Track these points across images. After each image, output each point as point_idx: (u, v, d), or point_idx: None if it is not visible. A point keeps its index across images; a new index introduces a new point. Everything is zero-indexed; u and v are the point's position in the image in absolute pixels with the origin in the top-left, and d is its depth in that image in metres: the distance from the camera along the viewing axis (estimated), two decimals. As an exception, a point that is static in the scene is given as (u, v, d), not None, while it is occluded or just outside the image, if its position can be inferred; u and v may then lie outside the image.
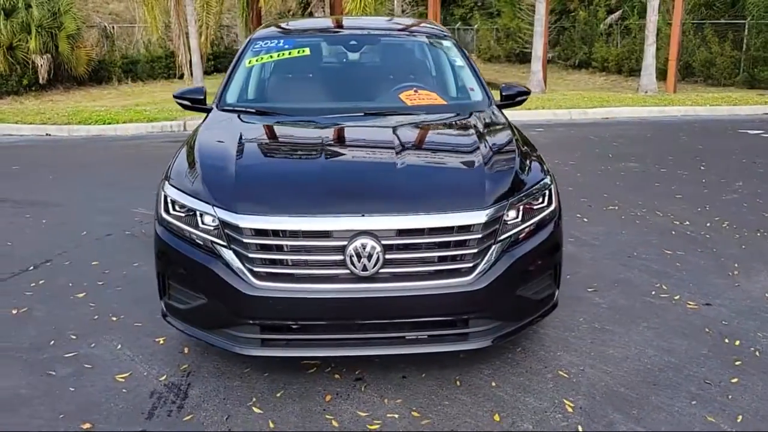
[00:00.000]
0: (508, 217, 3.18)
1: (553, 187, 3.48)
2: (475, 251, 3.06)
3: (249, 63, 4.59)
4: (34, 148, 10.55)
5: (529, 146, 3.83)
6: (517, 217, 3.22)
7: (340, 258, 2.97)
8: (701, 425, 3.00)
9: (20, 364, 3.57)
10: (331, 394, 3.25)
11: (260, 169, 3.46)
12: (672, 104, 13.43)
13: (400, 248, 3.03)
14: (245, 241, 3.01)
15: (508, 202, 3.18)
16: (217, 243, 3.08)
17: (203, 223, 3.14)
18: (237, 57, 4.68)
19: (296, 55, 4.59)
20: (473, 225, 3.06)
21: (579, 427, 2.98)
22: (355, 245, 2.94)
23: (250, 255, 3.01)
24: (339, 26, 5.48)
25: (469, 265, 3.06)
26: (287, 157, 3.67)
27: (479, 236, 3.06)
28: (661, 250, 5.18)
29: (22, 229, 5.88)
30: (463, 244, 3.07)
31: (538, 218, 3.31)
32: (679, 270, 4.79)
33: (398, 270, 3.03)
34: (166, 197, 3.33)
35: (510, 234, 3.17)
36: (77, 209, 6.51)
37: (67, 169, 8.58)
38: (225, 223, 3.05)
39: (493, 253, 3.10)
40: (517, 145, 3.68)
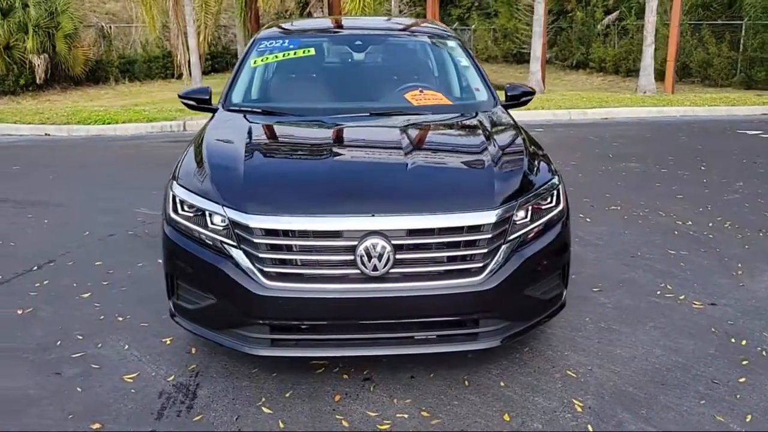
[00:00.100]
0: (517, 217, 3.18)
1: (561, 188, 3.49)
2: (484, 251, 3.06)
3: (254, 63, 4.58)
4: (33, 148, 10.53)
5: (536, 146, 3.83)
6: (526, 217, 3.23)
7: (351, 258, 2.97)
8: (710, 425, 3.00)
9: (27, 364, 3.55)
10: (340, 394, 3.25)
11: (269, 169, 3.45)
12: (670, 105, 13.46)
13: (410, 248, 3.03)
14: (255, 241, 3.00)
15: (518, 202, 3.19)
16: (227, 243, 3.08)
17: (212, 223, 3.14)
18: (242, 57, 4.68)
19: (301, 55, 4.59)
20: (483, 225, 3.06)
21: (589, 426, 2.99)
22: (366, 245, 2.94)
23: (260, 255, 3.01)
24: (343, 26, 5.46)
25: (479, 265, 3.06)
26: (296, 157, 3.66)
27: (489, 236, 3.06)
28: (664, 250, 5.19)
29: (24, 229, 5.86)
30: (472, 244, 3.07)
31: (546, 218, 3.32)
32: (684, 270, 4.80)
33: (408, 270, 3.03)
34: (175, 197, 3.32)
35: (519, 234, 3.17)
36: (79, 209, 6.49)
37: (67, 169, 8.56)
38: (235, 223, 3.05)
39: (502, 253, 3.10)
40: (525, 146, 3.68)
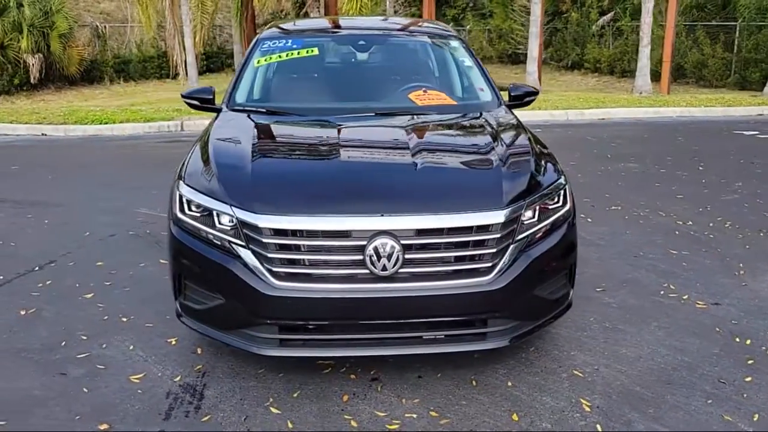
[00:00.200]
0: (525, 217, 3.18)
1: (567, 188, 3.49)
2: (493, 251, 3.06)
3: (258, 63, 4.56)
4: (30, 148, 10.48)
5: (542, 146, 3.84)
6: (534, 217, 3.23)
7: (360, 258, 2.97)
8: (719, 424, 3.01)
9: (32, 365, 3.53)
10: (348, 394, 3.24)
11: (277, 169, 3.44)
12: (667, 105, 13.51)
13: (419, 248, 3.03)
14: (264, 241, 3.00)
15: (525, 202, 3.19)
16: (235, 243, 3.07)
17: (220, 222, 3.13)
18: (245, 57, 4.66)
19: (305, 55, 4.58)
20: (492, 225, 3.06)
21: (598, 426, 2.99)
22: (375, 245, 2.94)
23: (269, 255, 3.00)
24: (346, 26, 5.46)
25: (488, 264, 3.06)
26: (303, 157, 3.65)
27: (498, 236, 3.07)
28: (666, 250, 5.21)
29: (24, 229, 5.83)
30: (481, 243, 3.07)
31: (553, 218, 3.32)
32: (686, 270, 4.81)
33: (417, 270, 3.02)
34: (182, 197, 3.31)
35: (527, 234, 3.17)
36: (78, 209, 6.46)
37: (65, 169, 8.52)
38: (244, 223, 3.03)
39: (510, 253, 3.10)
40: (531, 146, 3.68)
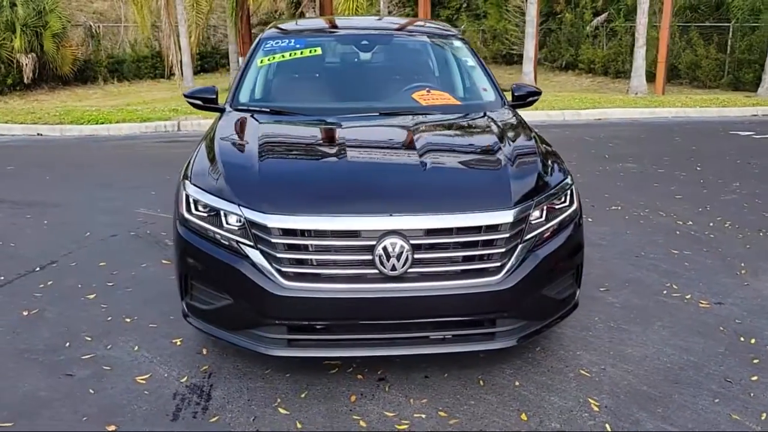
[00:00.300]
0: (533, 217, 3.18)
1: (573, 188, 3.50)
2: (502, 251, 3.06)
3: (261, 62, 4.55)
4: (26, 148, 10.42)
5: (547, 146, 3.84)
6: (541, 217, 3.23)
7: (369, 258, 2.96)
8: (727, 423, 3.02)
9: (37, 366, 3.51)
10: (356, 394, 3.23)
11: (285, 169, 3.43)
12: (662, 106, 13.55)
13: (429, 248, 3.02)
14: (273, 241, 2.98)
15: (534, 202, 3.19)
16: (243, 243, 3.05)
17: (228, 222, 3.11)
18: (248, 56, 4.64)
19: (308, 54, 4.57)
20: (501, 224, 3.06)
21: (607, 426, 2.99)
22: (384, 245, 2.93)
23: (278, 255, 2.98)
24: (349, 26, 5.45)
25: (497, 264, 3.06)
26: (310, 157, 3.63)
27: (507, 236, 3.06)
28: (667, 250, 5.22)
29: (23, 229, 5.79)
30: (490, 243, 3.07)
31: (560, 218, 3.32)
32: (688, 269, 4.83)
33: (426, 270, 3.02)
34: (188, 196, 3.29)
35: (535, 234, 3.17)
36: (77, 210, 6.43)
37: (62, 170, 8.47)
38: (252, 222, 3.02)
39: (519, 252, 3.10)
40: (537, 145, 3.69)
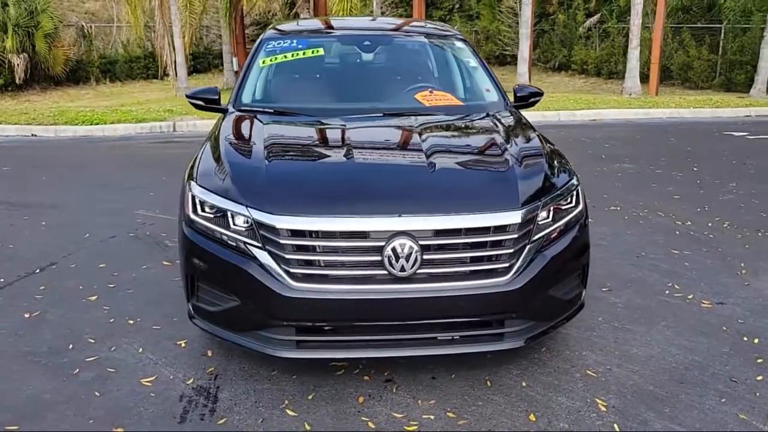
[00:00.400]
0: (540, 218, 3.18)
1: (579, 188, 3.50)
2: (511, 251, 3.06)
3: (263, 63, 4.53)
4: (21, 148, 10.36)
5: (551, 146, 3.85)
6: (548, 218, 3.23)
7: (378, 259, 2.95)
8: (735, 423, 3.03)
9: (40, 368, 3.48)
10: (363, 395, 3.23)
11: (293, 170, 3.42)
12: (656, 107, 13.62)
13: (437, 249, 3.02)
14: (282, 242, 2.97)
15: (541, 202, 3.19)
16: (251, 244, 3.04)
17: (235, 223, 3.09)
18: (249, 57, 4.62)
19: (310, 55, 4.55)
20: (509, 225, 3.06)
21: (615, 426, 3.00)
22: (393, 245, 2.92)
23: (286, 256, 2.97)
24: (351, 27, 5.43)
25: (506, 265, 3.06)
26: (317, 158, 3.62)
27: (515, 236, 3.06)
28: (668, 250, 5.24)
29: (21, 231, 5.76)
30: (499, 244, 3.06)
31: (567, 219, 3.32)
32: (689, 269, 4.84)
33: (435, 270, 3.01)
34: (194, 197, 3.28)
35: (542, 234, 3.17)
36: (75, 211, 6.39)
37: (58, 170, 8.42)
38: (260, 224, 3.01)
39: (527, 253, 3.10)
40: (542, 146, 3.69)
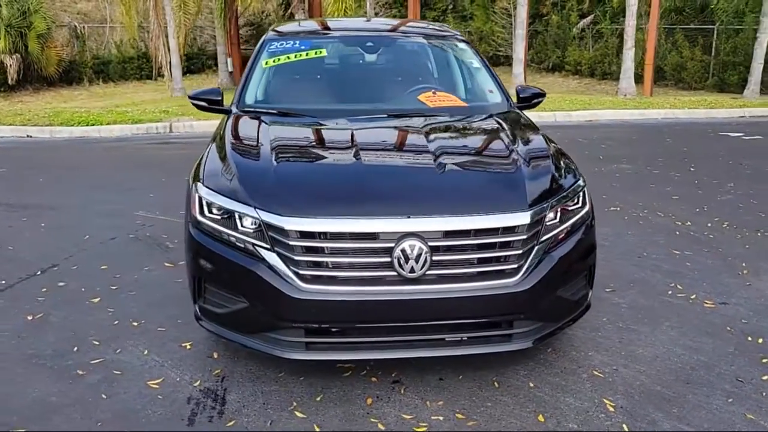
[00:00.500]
0: (548, 219, 3.19)
1: (585, 189, 3.51)
2: (519, 252, 3.06)
3: (266, 64, 4.52)
4: (16, 149, 10.31)
5: (556, 147, 3.85)
6: (555, 219, 3.23)
7: (387, 260, 2.94)
8: (743, 423, 3.04)
9: (45, 371, 3.46)
10: (372, 397, 3.22)
11: (301, 171, 3.41)
12: (651, 107, 13.67)
13: (447, 250, 3.01)
14: (291, 243, 2.96)
15: (549, 203, 3.20)
16: (259, 245, 3.02)
17: (243, 225, 3.08)
18: (252, 58, 4.61)
19: (313, 56, 4.55)
20: (518, 226, 3.06)
21: (624, 426, 3.00)
22: (403, 247, 2.92)
23: (295, 258, 2.96)
24: (353, 28, 5.42)
25: (514, 266, 3.06)
26: (325, 159, 3.60)
27: (524, 237, 3.07)
28: (669, 251, 5.26)
29: (21, 232, 5.72)
30: (508, 245, 3.06)
31: (574, 220, 3.33)
32: (691, 270, 4.86)
33: (445, 272, 3.01)
34: (201, 199, 3.26)
35: (550, 235, 3.18)
36: (74, 212, 6.36)
37: (55, 172, 8.38)
38: (269, 225, 3.00)
39: (535, 254, 3.10)
40: (548, 147, 3.70)
